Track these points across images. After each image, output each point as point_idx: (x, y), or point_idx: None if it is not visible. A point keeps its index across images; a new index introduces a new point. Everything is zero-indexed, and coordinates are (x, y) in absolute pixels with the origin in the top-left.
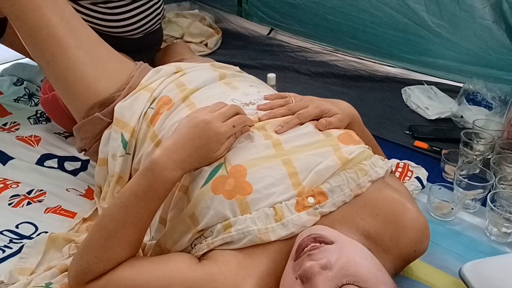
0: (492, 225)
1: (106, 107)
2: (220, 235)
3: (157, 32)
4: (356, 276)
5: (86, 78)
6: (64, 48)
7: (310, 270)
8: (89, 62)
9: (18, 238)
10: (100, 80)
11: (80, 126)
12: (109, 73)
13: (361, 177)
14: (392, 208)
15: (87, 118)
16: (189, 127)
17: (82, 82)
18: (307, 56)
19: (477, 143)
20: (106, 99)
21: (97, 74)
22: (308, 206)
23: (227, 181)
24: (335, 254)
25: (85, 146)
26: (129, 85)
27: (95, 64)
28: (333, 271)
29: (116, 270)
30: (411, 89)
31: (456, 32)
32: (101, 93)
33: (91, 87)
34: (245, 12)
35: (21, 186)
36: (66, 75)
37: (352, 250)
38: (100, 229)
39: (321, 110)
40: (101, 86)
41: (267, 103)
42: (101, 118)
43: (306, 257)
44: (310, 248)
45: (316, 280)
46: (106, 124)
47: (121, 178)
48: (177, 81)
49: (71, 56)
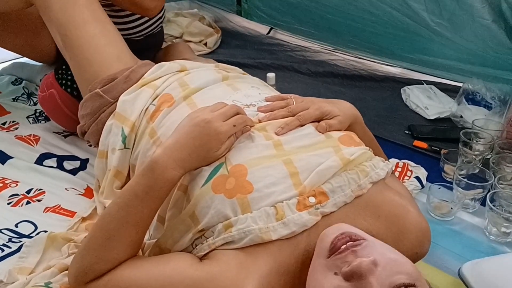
0: (492, 224)
1: (107, 84)
2: (221, 235)
3: (157, 34)
4: (408, 274)
5: (99, 53)
6: (85, 23)
7: (364, 267)
8: (103, 41)
9: (17, 237)
10: (110, 58)
11: (83, 102)
12: (118, 54)
13: (362, 178)
14: (393, 211)
15: (89, 93)
16: (190, 126)
17: (96, 55)
18: (306, 55)
19: (477, 143)
20: (109, 76)
21: (109, 52)
22: (309, 205)
23: (228, 180)
24: (376, 251)
25: (85, 126)
26: (132, 69)
27: (109, 44)
28: (382, 268)
29: (116, 270)
30: (410, 89)
31: (456, 31)
32: (108, 70)
33: (101, 62)
34: (245, 11)
35: (20, 185)
36: (83, 47)
37: (387, 247)
38: (100, 229)
39: (322, 112)
40: (110, 63)
41: (267, 105)
42: (100, 95)
43: (351, 253)
44: (352, 244)
45: (370, 279)
46: (105, 102)
47: (119, 173)
48: (180, 80)
49: (89, 31)
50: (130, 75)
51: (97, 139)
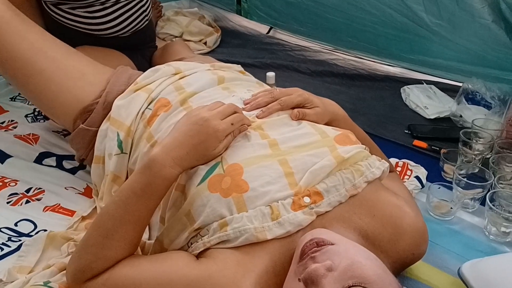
0: (491, 224)
1: (88, 117)
2: (216, 234)
3: (146, 30)
4: (362, 278)
5: (64, 91)
6: (34, 67)
7: (315, 272)
8: (63, 75)
9: (17, 235)
10: (77, 90)
11: (71, 139)
12: (85, 82)
13: (357, 177)
14: (389, 211)
15: (74, 131)
16: (188, 124)
17: (62, 95)
18: (306, 55)
19: (476, 142)
20: (85, 109)
21: (73, 85)
22: (304, 205)
23: (224, 180)
24: (338, 255)
25: (82, 155)
26: (106, 91)
27: (69, 76)
28: (338, 272)
29: (114, 268)
30: (410, 88)
31: (455, 32)
32: (81, 102)
33: (69, 99)
34: (245, 10)
35: (20, 184)
36: (44, 92)
37: (356, 251)
38: (98, 227)
39: (304, 99)
40: (79, 96)
41: (252, 96)
42: (86, 129)
43: (310, 259)
44: (312, 250)
45: (323, 283)
46: (93, 133)
47: (118, 178)
48: (176, 84)
49: (43, 73)
50: (107, 98)
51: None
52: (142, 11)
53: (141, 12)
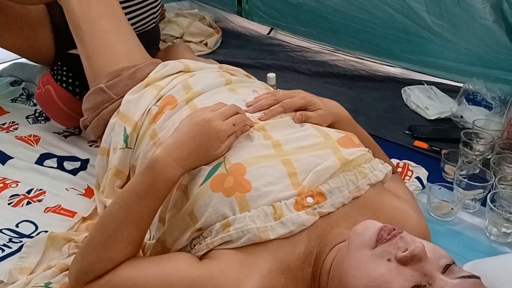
0: (492, 225)
1: (111, 80)
2: (219, 235)
3: (152, 32)
4: (447, 257)
5: (109, 48)
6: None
7: (420, 250)
8: (115, 36)
9: (18, 236)
10: (119, 53)
11: (87, 96)
12: (128, 51)
13: (360, 179)
14: (392, 214)
15: (93, 87)
16: (190, 125)
17: (106, 50)
18: (307, 55)
19: (477, 143)
20: (114, 71)
21: (119, 48)
22: (307, 206)
23: (226, 179)
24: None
25: (87, 120)
26: (138, 67)
27: (120, 40)
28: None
29: (117, 270)
30: (411, 89)
31: (456, 32)
32: (116, 65)
33: (110, 56)
34: (245, 11)
35: (21, 185)
36: (96, 39)
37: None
38: (101, 229)
39: (307, 101)
40: (118, 59)
41: (255, 98)
42: (103, 90)
43: (399, 239)
44: (395, 233)
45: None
46: (107, 98)
47: (120, 172)
48: (184, 82)
49: (102, 25)
50: (136, 73)
51: (97, 134)
52: (152, 13)
53: (150, 14)
